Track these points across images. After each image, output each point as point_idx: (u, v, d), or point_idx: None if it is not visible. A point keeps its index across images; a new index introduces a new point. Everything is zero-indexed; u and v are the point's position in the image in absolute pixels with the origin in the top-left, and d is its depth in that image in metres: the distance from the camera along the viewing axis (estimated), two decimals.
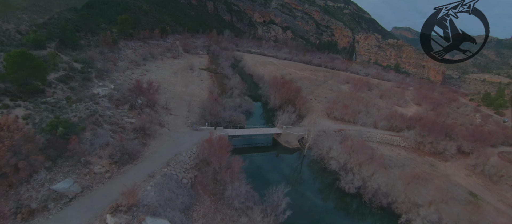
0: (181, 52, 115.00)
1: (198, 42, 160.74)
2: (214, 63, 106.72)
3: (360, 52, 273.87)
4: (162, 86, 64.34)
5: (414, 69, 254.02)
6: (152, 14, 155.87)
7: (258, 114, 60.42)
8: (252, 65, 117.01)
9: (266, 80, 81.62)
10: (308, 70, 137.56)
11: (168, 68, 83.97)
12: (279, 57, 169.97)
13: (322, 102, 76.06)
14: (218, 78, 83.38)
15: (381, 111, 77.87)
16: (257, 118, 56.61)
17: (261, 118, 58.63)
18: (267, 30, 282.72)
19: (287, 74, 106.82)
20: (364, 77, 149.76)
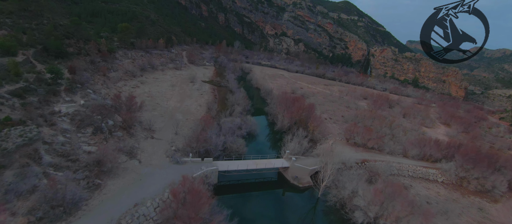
0: (185, 63, 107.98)
1: (206, 53, 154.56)
2: (219, 75, 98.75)
3: (376, 65, 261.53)
4: (154, 100, 56.20)
5: (434, 84, 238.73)
6: (160, 24, 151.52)
7: (262, 138, 51.26)
8: (261, 78, 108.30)
9: (274, 95, 72.26)
10: (321, 84, 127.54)
11: (166, 80, 76.25)
12: (290, 70, 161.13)
13: (339, 122, 65.64)
14: (221, 92, 74.79)
15: (408, 134, 66.61)
16: (260, 144, 46.83)
17: (265, 143, 48.97)
18: (278, 42, 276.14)
19: (298, 89, 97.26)
20: (383, 93, 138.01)
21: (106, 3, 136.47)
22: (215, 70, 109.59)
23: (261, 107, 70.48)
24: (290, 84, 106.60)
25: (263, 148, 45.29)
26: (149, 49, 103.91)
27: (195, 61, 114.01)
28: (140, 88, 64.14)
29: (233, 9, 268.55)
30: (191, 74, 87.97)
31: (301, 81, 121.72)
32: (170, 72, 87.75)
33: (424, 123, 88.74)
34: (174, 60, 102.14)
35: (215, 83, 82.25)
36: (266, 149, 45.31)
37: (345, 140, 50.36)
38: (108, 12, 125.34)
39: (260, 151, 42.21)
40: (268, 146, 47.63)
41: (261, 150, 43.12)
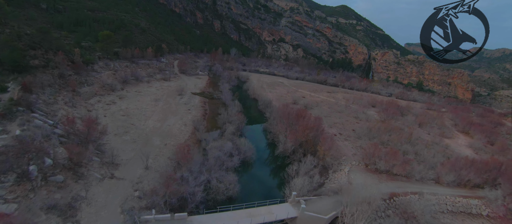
0: (175, 73, 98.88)
1: (201, 61, 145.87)
2: (212, 86, 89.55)
3: (377, 69, 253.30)
4: (129, 120, 46.68)
5: (439, 87, 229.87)
6: (151, 32, 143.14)
7: (260, 168, 39.95)
8: (258, 87, 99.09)
9: (274, 108, 62.78)
10: (324, 92, 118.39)
11: (151, 93, 66.90)
12: (290, 77, 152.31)
13: (351, 139, 56.08)
14: (212, 105, 65.35)
15: (431, 149, 57.11)
16: (257, 178, 36.99)
17: (264, 176, 38.64)
18: (277, 48, 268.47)
19: (300, 98, 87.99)
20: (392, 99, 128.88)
21: (92, 11, 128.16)
22: (209, 80, 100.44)
23: (259, 122, 60.96)
24: (290, 93, 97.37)
25: (261, 185, 35.06)
26: (136, 59, 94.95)
27: (187, 70, 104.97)
28: (117, 104, 54.69)
29: (229, 16, 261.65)
30: (180, 86, 78.78)
31: (303, 89, 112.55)
32: (157, 84, 78.49)
33: (444, 133, 79.19)
34: (163, 70, 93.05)
35: (206, 95, 72.91)
36: (265, 187, 35.21)
37: (363, 165, 40.68)
38: (93, 21, 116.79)
39: (257, 191, 32.19)
40: (267, 181, 37.42)
41: (258, 188, 33.08)
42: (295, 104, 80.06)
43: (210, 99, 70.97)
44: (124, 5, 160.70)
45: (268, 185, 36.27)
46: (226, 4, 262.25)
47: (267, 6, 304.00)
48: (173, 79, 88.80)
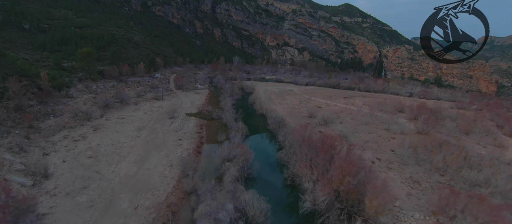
0: (171, 89, 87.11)
1: (201, 73, 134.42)
2: (212, 102, 77.20)
3: (390, 67, 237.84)
4: (94, 165, 34.34)
5: (460, 81, 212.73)
6: (146, 46, 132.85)
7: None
8: (266, 98, 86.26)
9: (289, 129, 49.58)
10: (340, 97, 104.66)
11: (135, 119, 54.73)
12: (299, 83, 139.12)
13: (395, 166, 42.30)
14: (211, 130, 52.68)
15: (495, 169, 42.78)
16: None
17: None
18: (281, 53, 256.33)
19: (315, 109, 74.69)
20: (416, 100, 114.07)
21: (80, 28, 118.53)
22: (209, 94, 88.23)
23: (270, 151, 47.72)
24: (303, 103, 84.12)
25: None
26: (125, 76, 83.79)
27: (184, 85, 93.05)
28: (87, 139, 42.52)
29: (229, 23, 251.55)
30: (173, 105, 66.74)
31: (316, 97, 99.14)
32: (146, 105, 66.45)
33: (496, 141, 64.37)
34: (156, 88, 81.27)
35: (204, 115, 60.29)
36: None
37: (433, 219, 26.97)
38: (81, 38, 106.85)
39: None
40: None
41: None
42: (311, 118, 66.82)
43: (209, 120, 58.33)
44: (117, 19, 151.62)
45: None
46: (226, 11, 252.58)
47: (268, 10, 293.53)
48: (167, 97, 76.82)
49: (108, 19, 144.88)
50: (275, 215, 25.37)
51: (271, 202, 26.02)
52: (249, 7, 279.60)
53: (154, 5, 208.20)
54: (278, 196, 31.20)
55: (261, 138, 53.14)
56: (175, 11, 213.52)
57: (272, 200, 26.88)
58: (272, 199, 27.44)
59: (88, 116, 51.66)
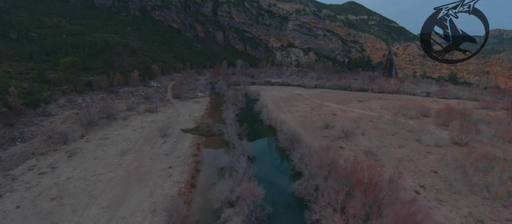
0: (167, 99, 78.77)
1: (202, 79, 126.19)
2: (213, 113, 68.55)
3: (401, 65, 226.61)
4: (55, 215, 25.79)
5: (476, 78, 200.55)
6: (144, 52, 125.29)
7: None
8: (273, 106, 77.33)
9: (305, 147, 40.37)
10: (354, 101, 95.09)
11: (121, 139, 46.30)
12: (307, 86, 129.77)
13: (444, 196, 32.89)
14: (210, 151, 43.82)
15: None
16: None
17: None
18: (286, 54, 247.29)
19: (330, 117, 65.41)
20: (449, 104, 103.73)
21: (72, 36, 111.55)
22: (210, 104, 79.62)
23: (284, 183, 37.95)
24: (316, 110, 74.88)
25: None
26: (116, 87, 75.81)
27: (183, 93, 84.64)
28: (56, 171, 34.16)
29: (231, 26, 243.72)
30: (168, 119, 58.33)
31: (328, 101, 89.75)
32: (137, 120, 58.04)
33: None
34: (151, 98, 72.90)
35: (202, 131, 51.53)
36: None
37: None
38: (72, 46, 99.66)
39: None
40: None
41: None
42: (327, 128, 57.60)
43: (208, 136, 49.55)
44: (113, 25, 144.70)
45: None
46: (227, 13, 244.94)
47: (271, 11, 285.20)
48: (163, 109, 68.36)
49: (104, 26, 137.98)
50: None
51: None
52: (251, 9, 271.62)
53: (153, 10, 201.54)
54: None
55: (271, 160, 44.00)
56: (175, 15, 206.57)
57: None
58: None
59: (65, 139, 43.32)
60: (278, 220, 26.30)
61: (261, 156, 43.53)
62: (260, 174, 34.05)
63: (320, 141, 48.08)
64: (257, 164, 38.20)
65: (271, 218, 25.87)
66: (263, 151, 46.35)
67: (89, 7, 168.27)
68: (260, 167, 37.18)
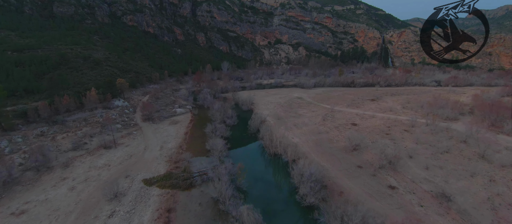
0: (134, 123, 60.33)
1: (183, 89, 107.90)
2: (194, 139, 50.71)
3: (397, 53, 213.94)
4: None
5: (478, 60, 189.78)
6: (111, 63, 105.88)
7: None
8: (275, 121, 60.30)
9: (344, 202, 23.56)
10: (367, 101, 79.39)
11: (43, 216, 28.26)
12: (305, 86, 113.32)
13: None
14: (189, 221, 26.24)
15: None
16: None
17: None
18: (274, 52, 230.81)
19: (352, 129, 49.18)
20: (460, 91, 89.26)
21: (20, 51, 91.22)
22: (191, 123, 61.68)
23: None
24: (329, 120, 58.26)
25: None
26: (65, 114, 56.92)
27: (156, 112, 66.32)
28: None
29: (213, 26, 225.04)
30: (129, 159, 40.46)
31: (338, 104, 73.45)
32: (83, 167, 39.66)
33: None
34: (108, 126, 54.38)
35: (177, 179, 33.65)
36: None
37: None
38: (16, 64, 79.73)
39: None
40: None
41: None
42: (356, 151, 40.98)
43: (185, 189, 31.89)
44: (75, 36, 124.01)
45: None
46: (208, 13, 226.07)
47: (254, 8, 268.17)
48: (125, 140, 50.04)
49: (64, 36, 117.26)
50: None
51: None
52: (233, 6, 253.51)
53: (125, 15, 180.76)
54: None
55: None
56: (149, 19, 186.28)
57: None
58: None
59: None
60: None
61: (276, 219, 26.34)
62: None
63: (362, 182, 31.30)
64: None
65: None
66: (276, 212, 28.91)
67: (47, 17, 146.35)
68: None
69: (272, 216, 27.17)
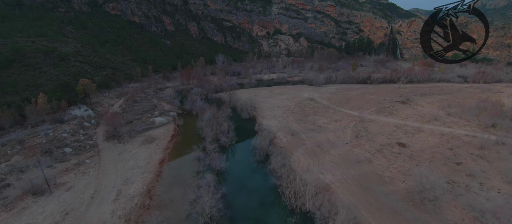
0: (94, 144, 43.48)
1: (170, 88, 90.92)
2: (174, 172, 34.23)
3: (406, 44, 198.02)
4: None
5: (497, 53, 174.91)
6: (83, 58, 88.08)
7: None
8: (288, 140, 44.04)
9: None
10: (397, 103, 63.50)
11: None
12: (314, 82, 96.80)
13: None
14: None
15: None
16: None
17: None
18: (274, 43, 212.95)
19: (398, 150, 33.21)
20: (496, 89, 73.71)
21: None
22: (173, 140, 45.16)
23: None
24: (364, 139, 42.12)
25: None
26: None
27: (126, 125, 49.48)
28: None
29: (207, 15, 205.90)
30: (62, 222, 23.75)
31: (362, 109, 57.38)
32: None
33: None
34: (57, 149, 37.63)
35: None
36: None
37: None
38: None
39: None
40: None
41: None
42: (430, 203, 24.84)
43: None
44: (43, 26, 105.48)
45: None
46: (201, 0, 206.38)
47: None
48: (69, 177, 33.39)
49: (27, 27, 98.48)
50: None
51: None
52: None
53: (107, 3, 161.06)
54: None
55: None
56: (135, 7, 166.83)
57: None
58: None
59: None
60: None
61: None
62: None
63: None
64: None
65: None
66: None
67: (14, 5, 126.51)
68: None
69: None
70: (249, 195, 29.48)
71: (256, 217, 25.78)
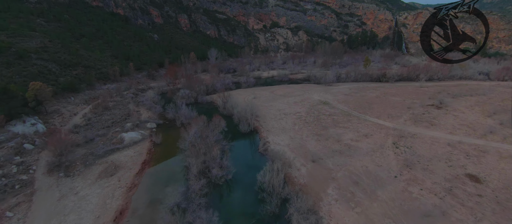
0: (30, 180, 30.05)
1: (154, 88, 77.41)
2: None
3: (412, 38, 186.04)
4: None
5: (509, 46, 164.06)
6: (49, 55, 73.88)
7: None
8: (309, 172, 31.33)
9: None
10: (432, 108, 51.28)
11: None
12: (322, 81, 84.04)
13: None
14: None
15: None
16: None
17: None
18: (271, 37, 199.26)
19: (458, 177, 20.92)
20: None
21: None
22: (144, 169, 32.20)
23: None
24: (418, 168, 29.66)
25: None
26: None
27: (74, 155, 36.19)
28: None
29: (199, 7, 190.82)
30: None
31: (392, 117, 44.97)
32: None
33: None
34: None
35: None
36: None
37: None
38: None
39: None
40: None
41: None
42: None
43: None
44: (10, 17, 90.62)
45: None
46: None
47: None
48: None
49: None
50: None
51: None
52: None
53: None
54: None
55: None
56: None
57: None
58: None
59: None
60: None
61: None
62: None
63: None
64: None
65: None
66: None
67: None
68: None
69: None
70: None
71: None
